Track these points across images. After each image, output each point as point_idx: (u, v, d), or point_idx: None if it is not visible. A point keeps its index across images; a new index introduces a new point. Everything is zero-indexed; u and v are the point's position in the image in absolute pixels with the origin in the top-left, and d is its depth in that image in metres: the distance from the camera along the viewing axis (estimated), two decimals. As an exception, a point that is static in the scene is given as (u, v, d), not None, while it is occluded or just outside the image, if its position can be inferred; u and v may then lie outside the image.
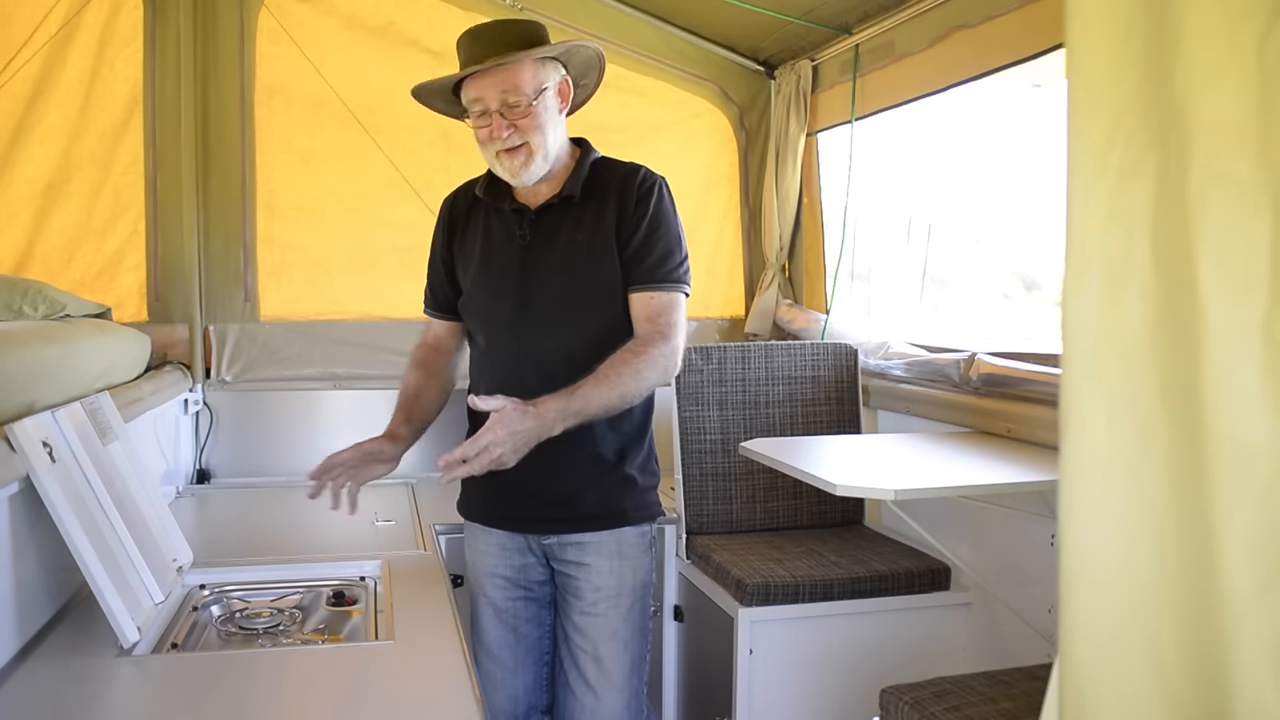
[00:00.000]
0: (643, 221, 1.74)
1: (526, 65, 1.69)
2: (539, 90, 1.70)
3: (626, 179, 1.78)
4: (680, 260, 1.77)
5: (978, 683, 1.74)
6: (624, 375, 1.64)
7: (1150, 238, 0.63)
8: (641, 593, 1.84)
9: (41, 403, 1.79)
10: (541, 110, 1.70)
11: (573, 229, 1.77)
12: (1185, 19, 0.60)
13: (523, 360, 1.79)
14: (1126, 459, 0.65)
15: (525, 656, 1.91)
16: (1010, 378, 2.24)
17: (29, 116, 2.81)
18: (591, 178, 1.79)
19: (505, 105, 1.69)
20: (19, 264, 2.83)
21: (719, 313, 3.41)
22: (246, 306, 3.03)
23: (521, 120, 1.70)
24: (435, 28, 3.06)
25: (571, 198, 1.77)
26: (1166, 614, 0.63)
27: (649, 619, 1.87)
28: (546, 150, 1.73)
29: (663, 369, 1.70)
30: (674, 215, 1.79)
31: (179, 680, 1.48)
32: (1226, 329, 0.58)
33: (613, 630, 1.80)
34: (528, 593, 1.90)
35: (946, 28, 2.45)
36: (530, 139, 1.71)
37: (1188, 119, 0.60)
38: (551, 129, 1.73)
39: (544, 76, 1.71)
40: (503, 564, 1.90)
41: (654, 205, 1.76)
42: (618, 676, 1.80)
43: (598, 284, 1.76)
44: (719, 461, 2.62)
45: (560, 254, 1.77)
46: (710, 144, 3.36)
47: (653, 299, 1.74)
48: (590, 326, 1.75)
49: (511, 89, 1.68)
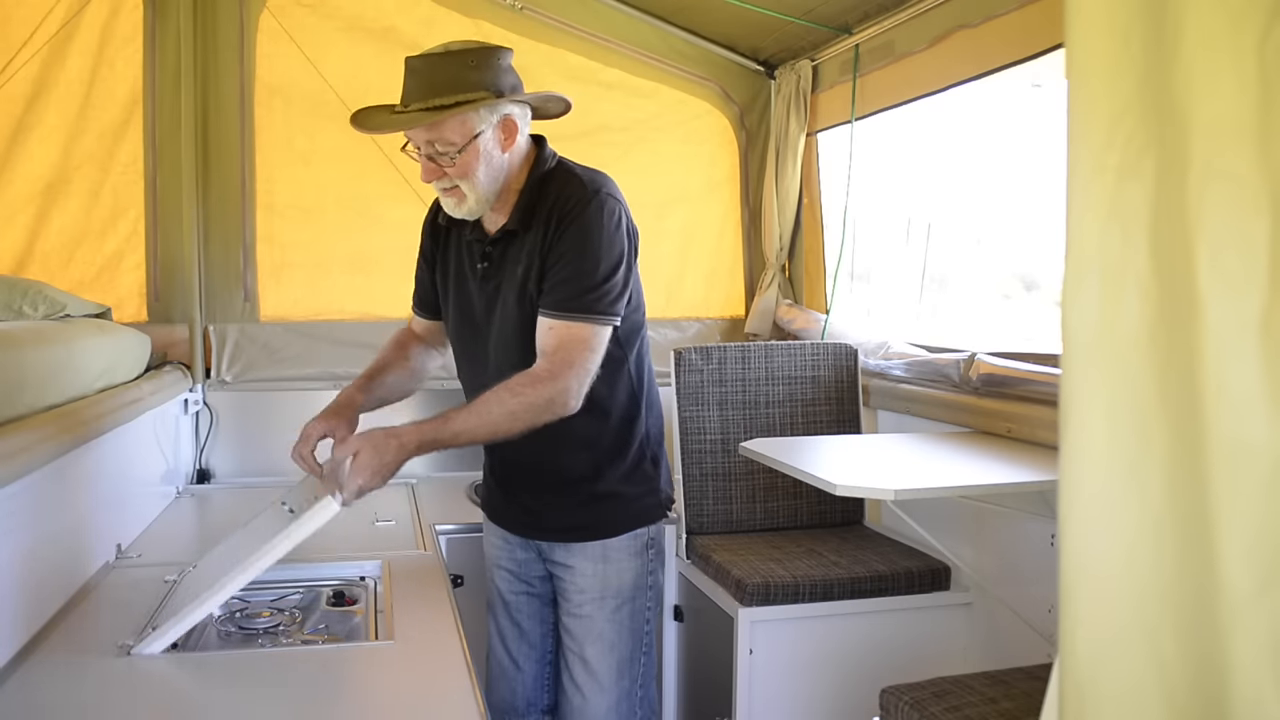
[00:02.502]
0: (559, 244, 1.65)
1: (450, 121, 1.61)
2: (469, 139, 1.63)
3: (554, 204, 1.68)
4: (597, 288, 1.64)
5: (978, 683, 1.74)
6: (494, 414, 1.61)
7: (1149, 237, 0.63)
8: (631, 595, 1.82)
9: (42, 403, 1.79)
10: (473, 157, 1.64)
11: (515, 261, 1.72)
12: (1185, 19, 0.60)
13: (476, 388, 1.77)
14: (1126, 458, 0.65)
15: (529, 652, 1.93)
16: (1010, 378, 2.24)
17: (29, 116, 2.80)
18: (535, 201, 1.71)
19: (434, 152, 1.65)
20: (19, 264, 2.82)
21: (719, 313, 3.41)
22: (246, 306, 3.03)
23: (450, 168, 1.65)
24: (435, 30, 3.05)
25: (514, 233, 1.72)
26: (1166, 614, 0.63)
27: (643, 621, 1.84)
28: (481, 192, 1.67)
29: (546, 410, 1.62)
30: (606, 237, 1.66)
31: (179, 680, 1.48)
32: (1225, 327, 0.58)
33: (598, 632, 1.80)
34: (529, 587, 1.92)
35: (946, 28, 2.45)
36: (461, 184, 1.66)
37: (1187, 119, 0.60)
38: (485, 172, 1.66)
39: (475, 123, 1.63)
40: (506, 557, 1.93)
41: (575, 227, 1.65)
42: (604, 678, 1.80)
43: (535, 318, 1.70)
44: (719, 461, 2.62)
45: (505, 289, 1.73)
46: (710, 144, 3.36)
47: (552, 328, 1.65)
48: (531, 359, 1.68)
49: (438, 140, 1.63)
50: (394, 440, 1.58)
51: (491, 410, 1.61)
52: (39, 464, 1.61)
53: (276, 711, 1.40)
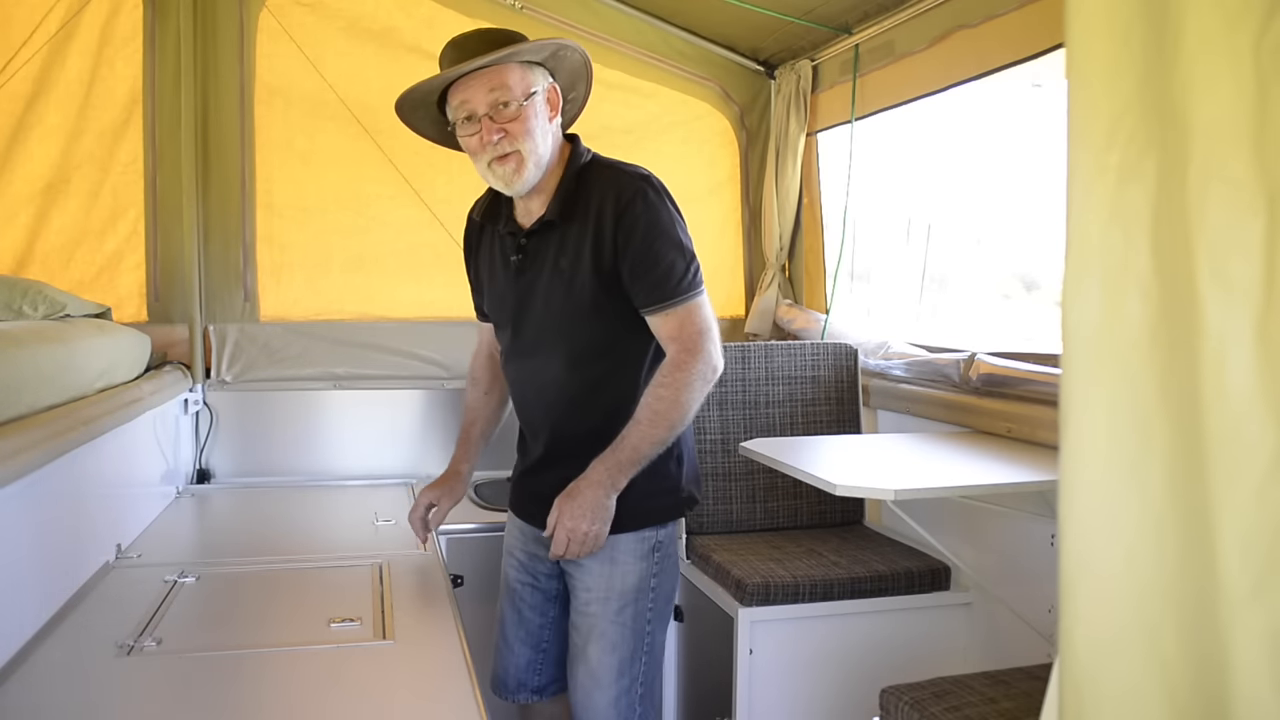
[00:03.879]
0: (631, 242, 1.69)
1: (513, 67, 1.67)
2: (528, 93, 1.67)
3: (604, 198, 1.71)
4: (685, 267, 1.71)
5: (978, 683, 1.74)
6: (661, 411, 1.69)
7: (1150, 238, 0.63)
8: (634, 597, 1.83)
9: (42, 403, 1.79)
10: (531, 114, 1.67)
11: (557, 253, 1.75)
12: (1184, 19, 0.60)
13: (521, 380, 1.88)
14: (1126, 458, 0.65)
15: (525, 638, 1.98)
16: (1010, 378, 2.24)
17: (29, 116, 2.80)
18: (574, 192, 1.74)
19: (494, 108, 1.66)
20: (19, 264, 2.82)
21: (719, 313, 3.37)
22: (246, 306, 3.03)
23: (511, 124, 1.66)
24: (435, 30, 3.06)
25: (553, 223, 1.75)
26: (1166, 613, 0.63)
27: (644, 623, 1.85)
28: (539, 157, 1.70)
29: (702, 381, 1.70)
30: (668, 219, 1.72)
31: (179, 680, 1.48)
32: (1224, 328, 0.59)
33: (600, 631, 1.83)
34: (535, 581, 1.96)
35: (946, 28, 2.45)
36: (521, 145, 1.67)
37: (1187, 119, 0.60)
38: (541, 136, 1.70)
39: (532, 80, 1.69)
40: (519, 548, 1.98)
41: (641, 220, 1.69)
42: (603, 675, 1.83)
43: (581, 308, 1.75)
44: (719, 461, 2.62)
45: (546, 280, 1.77)
46: (711, 144, 3.36)
47: (669, 316, 1.72)
48: (576, 348, 1.76)
49: (500, 87, 1.65)
50: (589, 492, 1.70)
51: (656, 410, 1.69)
52: (39, 464, 1.61)
53: (276, 711, 1.40)
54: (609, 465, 1.70)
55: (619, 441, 1.70)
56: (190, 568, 2.00)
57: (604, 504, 1.70)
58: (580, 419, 1.80)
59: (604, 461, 1.70)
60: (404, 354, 3.09)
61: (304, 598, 1.88)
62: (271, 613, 1.81)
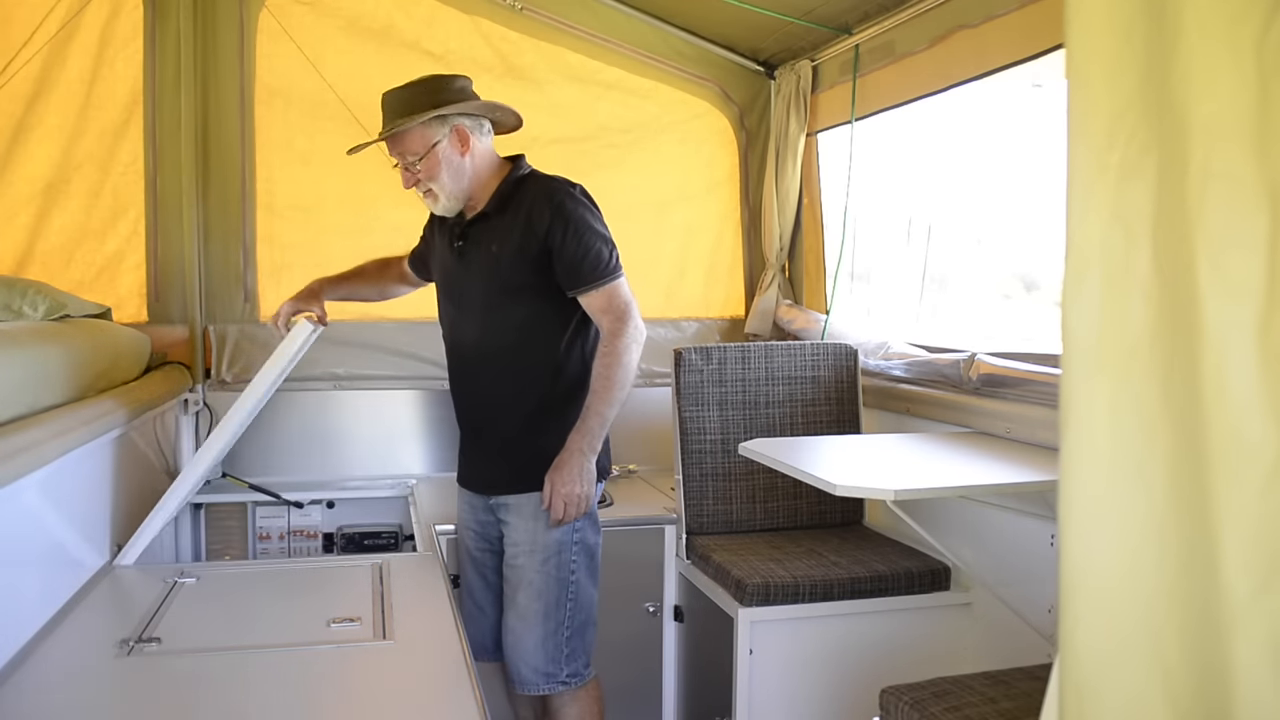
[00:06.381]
0: (562, 235, 1.99)
1: (413, 131, 2.02)
2: (429, 147, 2.02)
3: (536, 197, 2.03)
4: (609, 254, 2.02)
5: (978, 683, 1.74)
6: (611, 375, 2.00)
7: (1151, 237, 0.63)
8: (557, 549, 2.07)
9: (42, 403, 1.79)
10: (436, 162, 2.03)
11: (489, 239, 2.06)
12: (1184, 19, 0.59)
13: (456, 345, 2.18)
14: (1128, 459, 0.65)
15: (495, 600, 2.19)
16: (1010, 378, 2.24)
17: (29, 116, 2.80)
18: (510, 194, 2.06)
19: (406, 162, 2.05)
20: (19, 264, 2.82)
21: (719, 313, 3.40)
22: (246, 307, 3.02)
23: (420, 174, 2.05)
24: (435, 28, 3.06)
25: (487, 215, 2.07)
26: (1168, 614, 0.63)
27: (568, 572, 2.08)
28: (451, 189, 2.06)
29: (635, 344, 2.02)
30: (592, 216, 2.03)
31: (179, 680, 1.48)
32: (1225, 329, 0.58)
33: (528, 580, 2.07)
34: (490, 545, 2.19)
35: (946, 28, 2.45)
36: (434, 185, 2.05)
37: (1187, 118, 0.60)
38: (450, 174, 2.04)
39: (430, 135, 2.02)
40: (472, 519, 2.21)
41: (572, 217, 2.00)
42: (531, 619, 2.07)
43: (507, 285, 2.04)
44: (719, 461, 2.62)
45: (480, 261, 2.08)
46: (711, 144, 3.36)
47: (598, 294, 2.03)
48: (502, 323, 2.06)
49: (406, 151, 2.04)
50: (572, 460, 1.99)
51: (606, 377, 2.00)
52: (39, 464, 1.61)
53: (276, 711, 1.40)
54: (582, 432, 2.00)
55: (585, 413, 2.01)
56: (190, 568, 2.00)
57: (587, 467, 2.01)
58: (505, 381, 2.08)
59: (578, 431, 2.01)
60: (404, 354, 3.09)
61: (304, 598, 1.88)
62: (271, 613, 1.81)
